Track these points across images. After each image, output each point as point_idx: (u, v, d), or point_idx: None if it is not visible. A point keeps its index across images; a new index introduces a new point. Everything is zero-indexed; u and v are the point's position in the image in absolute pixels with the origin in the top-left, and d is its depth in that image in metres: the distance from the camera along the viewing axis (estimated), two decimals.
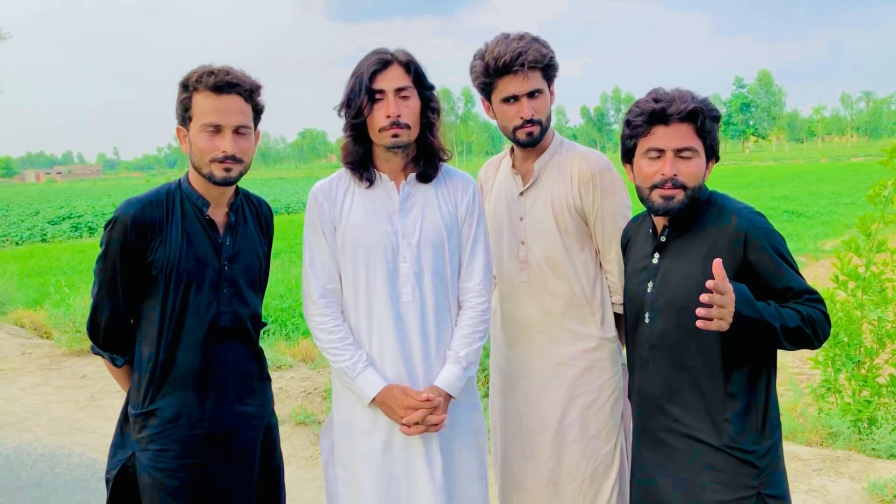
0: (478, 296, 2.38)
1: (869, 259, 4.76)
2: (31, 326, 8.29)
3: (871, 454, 4.21)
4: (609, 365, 2.53)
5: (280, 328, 8.19)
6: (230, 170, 2.18)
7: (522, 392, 2.59)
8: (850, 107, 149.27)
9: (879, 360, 4.76)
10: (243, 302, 2.30)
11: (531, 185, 2.54)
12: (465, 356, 2.33)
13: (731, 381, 1.98)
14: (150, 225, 2.17)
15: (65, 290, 8.53)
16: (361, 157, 2.32)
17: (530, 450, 2.57)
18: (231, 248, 2.28)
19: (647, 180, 2.02)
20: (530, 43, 2.37)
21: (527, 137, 2.44)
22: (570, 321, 2.51)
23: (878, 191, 4.78)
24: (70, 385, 6.21)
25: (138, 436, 2.23)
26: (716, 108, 2.01)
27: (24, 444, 4.97)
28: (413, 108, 2.27)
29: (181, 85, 2.20)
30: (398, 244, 2.29)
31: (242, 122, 2.19)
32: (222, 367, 2.25)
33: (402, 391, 2.25)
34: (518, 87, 2.38)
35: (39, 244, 23.47)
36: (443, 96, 15.90)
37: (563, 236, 2.49)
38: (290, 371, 6.06)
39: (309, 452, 4.67)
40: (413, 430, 2.23)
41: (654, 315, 2.08)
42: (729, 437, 1.97)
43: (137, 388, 2.26)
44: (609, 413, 2.53)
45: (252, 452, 2.33)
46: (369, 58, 2.27)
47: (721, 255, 1.89)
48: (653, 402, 2.11)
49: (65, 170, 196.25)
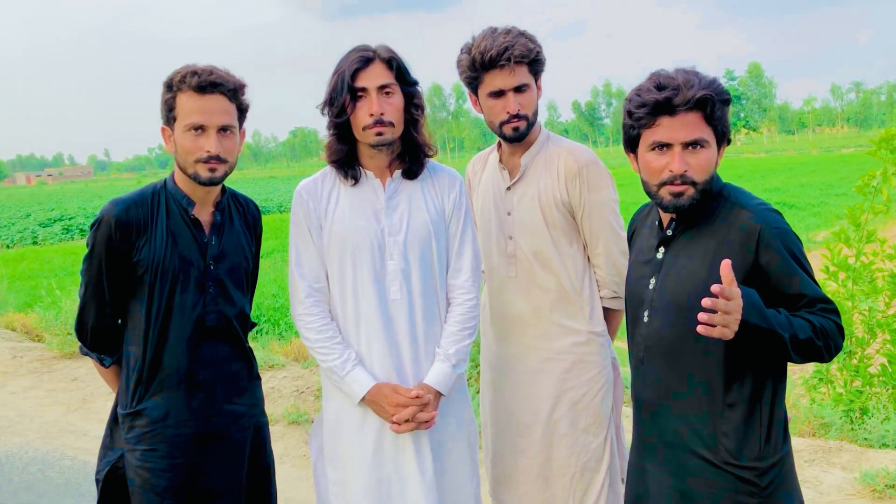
0: (466, 292, 2.37)
1: (859, 249, 4.77)
2: (23, 329, 8.24)
3: (863, 444, 4.22)
4: (598, 359, 2.53)
5: (273, 327, 8.18)
6: (215, 170, 2.16)
7: (512, 387, 2.59)
8: (840, 98, 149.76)
9: (870, 350, 4.77)
10: (229, 301, 2.29)
11: (518, 180, 2.53)
12: (455, 353, 2.32)
13: (731, 391, 1.81)
14: (135, 224, 2.17)
15: (56, 292, 8.48)
16: (346, 155, 2.30)
17: (521, 444, 2.57)
18: (217, 247, 2.27)
19: (654, 176, 1.83)
20: (517, 37, 2.36)
21: (513, 132, 2.43)
22: (559, 315, 2.51)
23: (867, 181, 4.80)
24: (62, 388, 6.17)
25: (127, 436, 2.23)
26: (725, 91, 1.81)
27: (16, 448, 4.94)
28: (396, 105, 2.25)
29: (165, 85, 2.19)
30: (385, 242, 2.28)
31: (227, 122, 2.17)
32: (209, 366, 2.24)
33: (392, 389, 2.24)
34: (504, 82, 2.37)
35: (30, 247, 23.38)
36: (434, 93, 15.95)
37: (550, 231, 2.48)
38: (282, 370, 6.04)
39: (302, 451, 4.66)
40: (403, 427, 2.22)
41: (652, 313, 1.93)
42: (726, 452, 1.81)
43: (125, 388, 2.25)
44: (599, 407, 2.52)
45: (241, 452, 2.33)
46: (351, 55, 2.25)
47: (730, 255, 1.73)
48: (646, 406, 1.98)
49: (56, 172, 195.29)
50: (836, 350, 1.78)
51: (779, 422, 1.85)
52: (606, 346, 2.57)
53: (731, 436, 1.81)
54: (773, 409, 1.84)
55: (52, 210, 37.80)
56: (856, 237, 4.77)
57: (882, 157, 4.73)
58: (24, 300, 10.29)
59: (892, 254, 4.71)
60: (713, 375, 1.82)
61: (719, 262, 1.65)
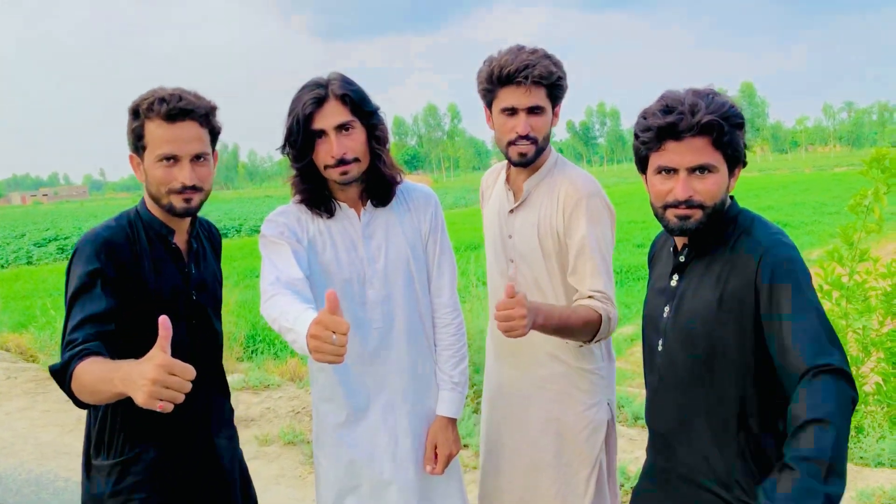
0: (451, 311, 2.40)
1: (852, 268, 4.80)
2: (17, 350, 8.21)
3: (860, 462, 4.22)
4: (587, 397, 2.45)
5: (268, 347, 8.15)
6: (190, 199, 2.05)
7: (505, 408, 2.58)
8: (833, 117, 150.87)
9: (865, 368, 4.78)
10: (211, 330, 2.23)
11: (520, 204, 2.47)
12: (458, 375, 2.39)
13: (747, 425, 1.74)
14: (121, 253, 2.00)
15: (51, 312, 8.45)
16: (315, 193, 2.24)
17: (505, 467, 2.56)
18: (198, 276, 2.19)
19: (659, 199, 1.80)
20: (541, 58, 2.29)
21: (518, 157, 2.35)
22: (550, 345, 2.44)
23: (860, 200, 4.83)
24: (56, 409, 6.14)
25: (118, 487, 2.05)
26: (738, 113, 1.75)
27: (10, 469, 4.91)
28: (358, 140, 2.17)
29: (131, 111, 2.05)
30: (364, 271, 2.28)
31: (199, 150, 2.05)
32: (197, 400, 2.08)
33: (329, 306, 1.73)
34: (518, 100, 2.29)
35: (25, 267, 23.32)
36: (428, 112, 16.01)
37: (546, 260, 2.42)
38: (277, 390, 6.02)
39: (297, 472, 4.64)
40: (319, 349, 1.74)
41: (666, 342, 1.88)
42: (741, 490, 1.73)
43: (110, 433, 2.07)
44: (583, 445, 2.45)
45: (233, 485, 2.28)
46: (303, 95, 2.14)
47: (740, 284, 1.70)
48: (660, 436, 1.92)
49: (51, 191, 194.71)
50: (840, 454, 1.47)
51: None
52: (601, 386, 2.48)
53: (746, 473, 1.74)
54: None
55: (47, 230, 37.73)
56: (849, 256, 4.80)
57: (873, 177, 4.77)
58: (19, 320, 10.26)
59: (886, 272, 4.74)
60: (728, 407, 1.75)
61: (730, 292, 1.66)
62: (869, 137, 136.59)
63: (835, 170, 65.57)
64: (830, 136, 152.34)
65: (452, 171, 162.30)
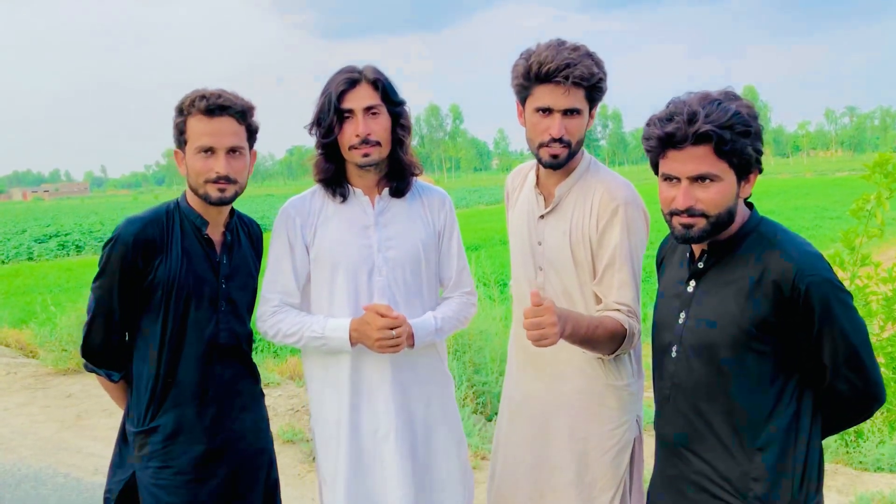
0: (469, 294, 2.49)
1: (853, 273, 4.80)
2: (17, 346, 8.21)
3: (859, 467, 4.22)
4: (616, 414, 2.30)
5: (268, 345, 8.15)
6: (224, 190, 2.21)
7: (526, 422, 2.43)
8: (835, 122, 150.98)
9: None
10: (240, 319, 2.34)
11: (551, 210, 2.33)
12: (443, 317, 2.38)
13: (763, 433, 1.73)
14: (152, 243, 2.20)
15: (51, 308, 8.45)
16: (334, 173, 2.35)
17: (523, 483, 2.42)
18: (228, 266, 2.32)
19: (665, 205, 1.79)
20: (583, 57, 2.13)
21: (550, 159, 2.21)
22: (578, 358, 2.29)
23: (862, 205, 4.84)
24: (56, 405, 6.14)
25: (139, 453, 2.24)
26: (745, 121, 1.70)
27: (9, 465, 4.91)
28: (383, 125, 2.28)
29: (176, 109, 2.24)
30: (373, 258, 2.32)
31: (235, 144, 2.22)
32: (220, 383, 2.28)
33: (373, 312, 2.23)
34: (555, 100, 2.15)
35: (26, 262, 23.38)
36: (431, 113, 16.01)
37: (577, 270, 2.28)
38: (277, 389, 6.02)
39: (297, 471, 4.64)
40: (385, 345, 2.22)
41: (681, 349, 1.84)
42: (755, 498, 1.72)
43: (137, 405, 2.27)
44: (608, 465, 2.30)
45: (253, 468, 2.36)
46: (338, 76, 2.28)
47: (763, 296, 1.70)
48: (671, 445, 1.89)
49: (52, 188, 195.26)
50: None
51: (813, 466, 1.76)
52: (629, 402, 2.32)
53: (761, 481, 1.72)
54: (809, 450, 1.75)
55: (48, 226, 37.71)
56: (850, 260, 4.81)
57: (876, 182, 4.78)
58: (19, 316, 10.28)
59: (887, 277, 4.74)
60: (743, 416, 1.74)
61: (752, 302, 1.68)
62: (871, 142, 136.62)
63: (836, 174, 65.58)
64: (832, 140, 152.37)
65: (454, 171, 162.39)
